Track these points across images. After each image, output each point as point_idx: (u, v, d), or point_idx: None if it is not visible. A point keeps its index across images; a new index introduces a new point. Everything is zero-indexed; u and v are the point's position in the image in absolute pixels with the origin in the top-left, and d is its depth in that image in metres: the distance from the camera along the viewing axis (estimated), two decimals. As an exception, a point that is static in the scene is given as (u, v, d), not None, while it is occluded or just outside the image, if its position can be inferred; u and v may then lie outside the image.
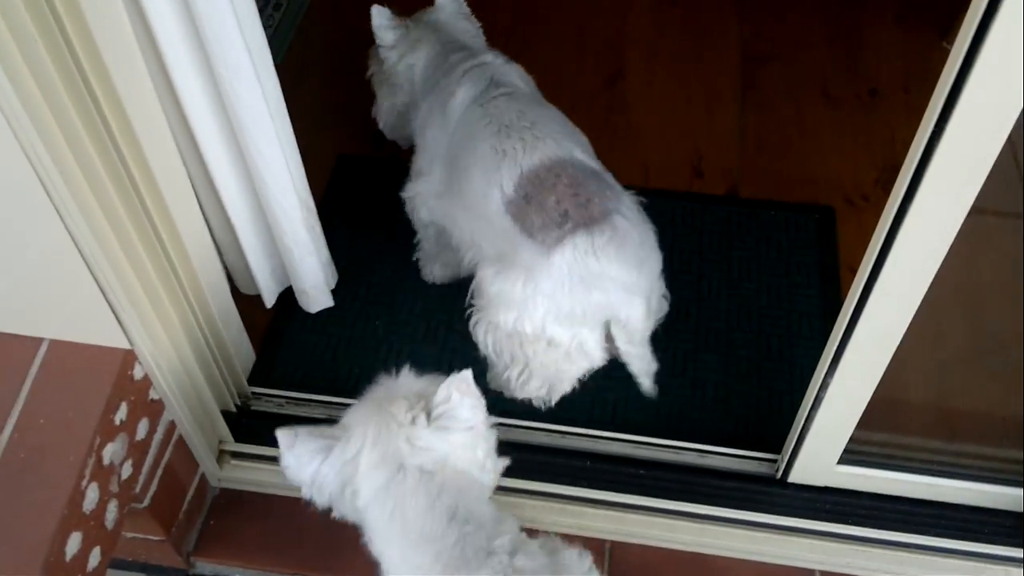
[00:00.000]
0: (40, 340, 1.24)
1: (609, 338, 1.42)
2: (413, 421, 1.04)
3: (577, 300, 1.34)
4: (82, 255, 1.09)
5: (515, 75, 1.58)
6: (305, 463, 1.05)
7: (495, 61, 1.56)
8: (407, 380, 1.10)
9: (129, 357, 1.23)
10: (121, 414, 1.23)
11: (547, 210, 1.33)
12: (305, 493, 1.07)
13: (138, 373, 1.25)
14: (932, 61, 2.07)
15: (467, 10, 1.70)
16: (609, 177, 1.44)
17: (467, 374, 1.06)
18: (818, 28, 2.20)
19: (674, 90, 2.10)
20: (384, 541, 1.05)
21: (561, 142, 1.41)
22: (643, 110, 2.06)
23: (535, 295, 1.34)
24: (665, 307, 1.49)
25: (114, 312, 1.17)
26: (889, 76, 2.09)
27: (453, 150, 1.50)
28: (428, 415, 1.05)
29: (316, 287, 1.65)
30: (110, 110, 1.06)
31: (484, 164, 1.41)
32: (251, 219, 1.54)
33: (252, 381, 1.59)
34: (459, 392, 1.04)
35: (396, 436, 1.03)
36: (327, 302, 1.69)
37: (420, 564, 1.01)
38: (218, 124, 1.38)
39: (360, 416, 1.07)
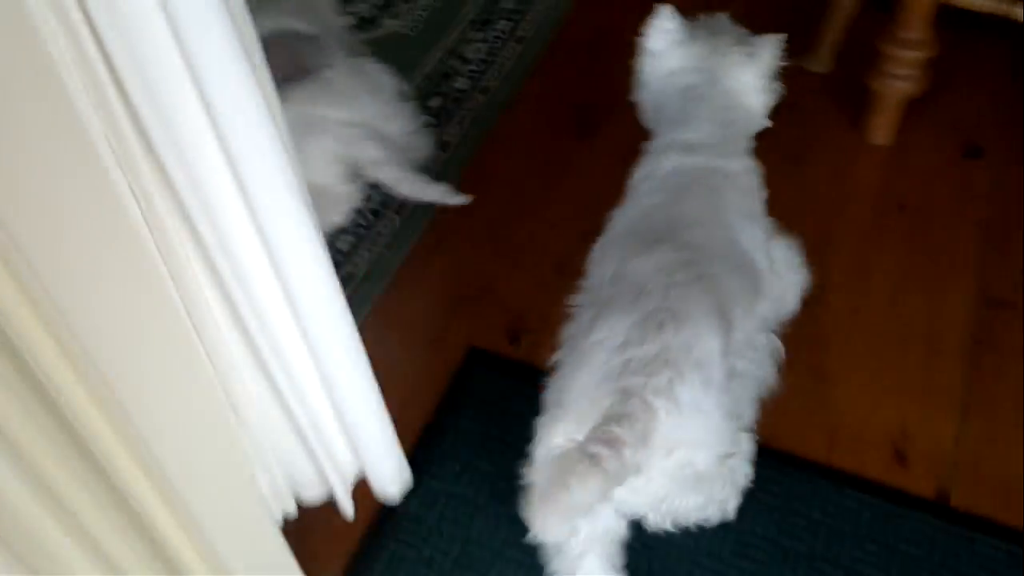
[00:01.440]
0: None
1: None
2: (727, 54, 1.44)
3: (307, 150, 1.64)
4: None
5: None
6: (666, 39, 1.45)
7: None
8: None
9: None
10: None
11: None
12: (643, 63, 1.49)
13: None
14: None
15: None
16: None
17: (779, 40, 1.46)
18: (1087, 282, 1.75)
19: (886, 327, 1.70)
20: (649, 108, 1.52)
21: None
22: (841, 350, 1.67)
23: None
24: None
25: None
26: None
27: None
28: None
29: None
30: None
31: None
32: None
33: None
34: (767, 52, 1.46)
35: (717, 51, 1.45)
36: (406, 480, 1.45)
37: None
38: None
39: (704, 35, 1.47)
